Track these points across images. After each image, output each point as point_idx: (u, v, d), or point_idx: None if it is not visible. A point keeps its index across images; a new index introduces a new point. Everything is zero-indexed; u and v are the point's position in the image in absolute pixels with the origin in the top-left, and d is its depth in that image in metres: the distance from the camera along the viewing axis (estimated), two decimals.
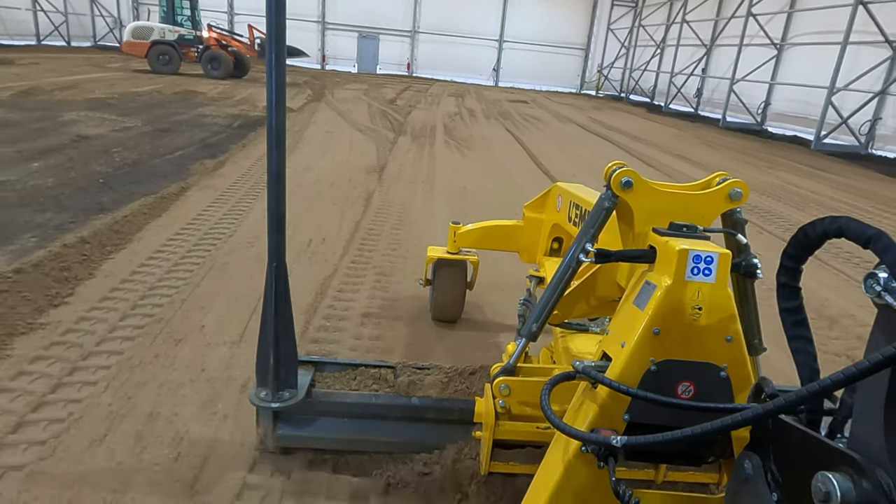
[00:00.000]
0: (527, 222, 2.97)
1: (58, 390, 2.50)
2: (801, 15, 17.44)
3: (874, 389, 0.84)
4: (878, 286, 0.88)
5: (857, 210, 8.14)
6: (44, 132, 7.92)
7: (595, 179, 8.23)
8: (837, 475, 0.81)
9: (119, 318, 3.16)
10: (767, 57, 18.37)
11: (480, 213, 5.86)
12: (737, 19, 19.47)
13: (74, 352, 2.80)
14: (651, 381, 1.31)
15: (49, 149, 6.98)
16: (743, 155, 12.97)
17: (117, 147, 7.47)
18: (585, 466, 1.34)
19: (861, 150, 14.36)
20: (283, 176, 1.81)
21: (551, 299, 1.67)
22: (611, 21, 31.38)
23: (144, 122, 9.51)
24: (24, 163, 6.24)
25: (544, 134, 13.39)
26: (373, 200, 6.13)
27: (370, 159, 8.35)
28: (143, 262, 3.94)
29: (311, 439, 2.07)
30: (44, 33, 25.80)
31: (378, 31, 31.27)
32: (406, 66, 31.76)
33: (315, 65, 29.72)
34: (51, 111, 9.57)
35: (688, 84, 23.09)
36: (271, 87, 1.71)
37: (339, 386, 2.16)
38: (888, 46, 13.77)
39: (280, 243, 1.87)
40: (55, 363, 2.69)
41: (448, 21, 30.94)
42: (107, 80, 15.15)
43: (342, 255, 4.48)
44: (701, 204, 1.59)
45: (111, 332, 3.02)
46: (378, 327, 3.37)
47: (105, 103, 11.11)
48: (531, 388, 1.69)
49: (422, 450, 2.05)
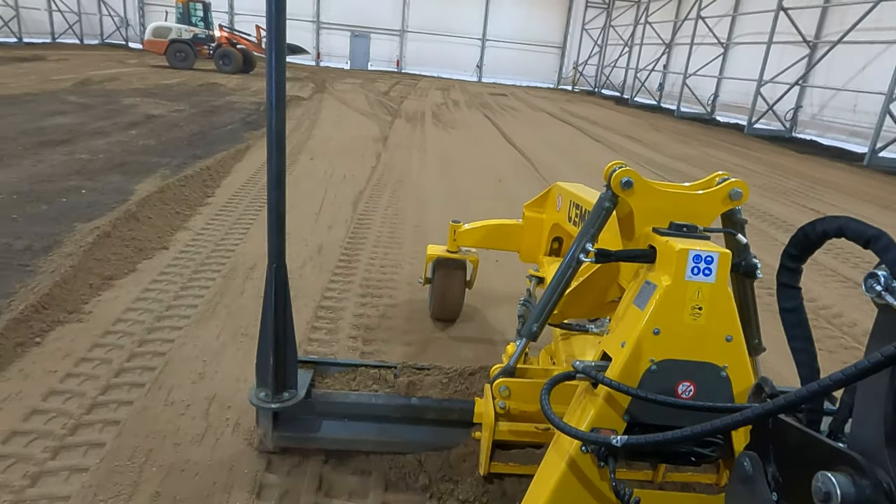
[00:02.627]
0: (527, 222, 2.97)
1: (237, 222, 4.81)
2: (743, 18, 19.97)
3: (874, 389, 0.84)
4: (878, 286, 0.88)
5: (744, 171, 10.58)
6: (119, 112, 10.12)
7: (552, 151, 10.67)
8: (837, 475, 0.80)
9: (250, 201, 5.49)
10: (716, 54, 20.91)
11: (460, 168, 8.23)
12: (690, 21, 21.99)
13: (233, 213, 5.10)
14: (651, 381, 1.32)
15: (133, 123, 9.20)
16: (683, 137, 15.43)
17: (180, 123, 9.70)
18: (585, 466, 1.34)
19: (786, 133, 16.89)
20: (284, 178, 1.80)
21: (551, 299, 1.67)
22: (585, 21, 33.85)
23: (189, 106, 11.72)
24: (123, 131, 8.47)
25: (517, 119, 15.76)
26: (382, 157, 8.46)
27: (375, 133, 10.67)
28: (246, 180, 6.25)
29: (311, 440, 2.07)
30: (57, 32, 27.69)
31: (369, 30, 33.48)
32: (395, 63, 34.01)
33: (310, 62, 31.84)
34: (111, 97, 11.76)
35: (652, 79, 25.61)
36: (271, 86, 1.69)
37: (339, 386, 2.14)
38: (806, 45, 16.32)
39: (280, 244, 1.86)
40: (228, 215, 4.99)
41: (435, 21, 33.23)
42: (137, 74, 17.26)
43: (366, 183, 6.81)
44: (701, 204, 1.59)
45: (250, 204, 5.33)
46: (396, 207, 5.69)
47: (148, 92, 13.28)
48: (531, 389, 1.70)
49: (421, 450, 2.06)
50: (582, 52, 34.40)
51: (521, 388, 1.71)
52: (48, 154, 6.61)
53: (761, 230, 6.53)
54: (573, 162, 9.75)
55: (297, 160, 7.64)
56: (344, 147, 8.97)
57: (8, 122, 8.22)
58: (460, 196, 6.57)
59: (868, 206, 8.50)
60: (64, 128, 8.22)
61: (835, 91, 15.27)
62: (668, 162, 10.80)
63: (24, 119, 8.54)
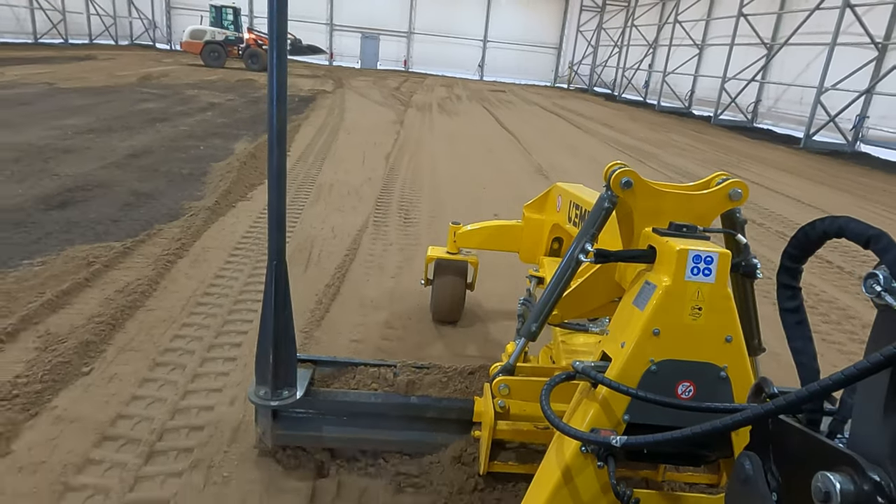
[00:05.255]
0: (527, 222, 2.98)
1: (312, 165, 7.26)
2: (716, 22, 22.39)
3: (874, 389, 0.84)
4: (878, 286, 0.88)
5: (693, 149, 13.00)
6: (187, 100, 12.60)
7: (536, 133, 13.14)
8: (837, 475, 0.81)
9: (314, 155, 7.94)
10: (692, 55, 23.32)
11: (461, 141, 10.72)
12: (669, 24, 24.41)
13: (307, 160, 7.56)
14: (651, 382, 1.33)
15: (203, 108, 11.67)
16: (656, 126, 17.84)
17: (238, 108, 12.17)
18: (585, 466, 1.35)
19: (748, 124, 19.30)
20: (284, 175, 1.79)
21: (551, 299, 1.68)
22: (580, 24, 36.30)
23: (237, 96, 14.19)
24: (201, 113, 10.95)
25: (511, 111, 18.22)
26: (401, 133, 10.93)
27: (393, 118, 13.13)
28: (306, 145, 8.73)
29: (310, 438, 2.08)
30: (95, 33, 30.25)
31: (378, 32, 35.99)
32: (403, 63, 36.50)
33: (325, 61, 34.35)
34: (173, 89, 14.24)
35: (639, 77, 28.03)
36: (272, 85, 1.68)
37: (339, 385, 2.14)
38: (763, 46, 18.73)
39: (280, 242, 1.84)
40: (304, 162, 7.45)
41: (439, 23, 35.75)
42: (181, 72, 19.76)
43: (392, 147, 9.27)
44: (701, 204, 1.59)
45: (315, 156, 7.79)
46: (415, 161, 8.13)
47: (198, 86, 15.76)
48: (530, 388, 1.71)
49: (421, 449, 2.08)
50: (577, 53, 36.84)
51: (521, 387, 1.72)
52: (160, 126, 9.09)
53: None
54: (551, 140, 12.21)
55: (338, 135, 10.10)
56: (370, 126, 11.44)
57: (114, 106, 10.71)
58: (460, 157, 9.02)
59: (777, 172, 10.93)
60: (156, 111, 10.70)
61: (786, 86, 17.68)
62: (632, 142, 13.23)
63: (123, 105, 11.02)
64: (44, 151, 6.65)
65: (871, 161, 13.81)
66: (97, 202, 5.10)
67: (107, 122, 8.92)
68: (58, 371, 2.60)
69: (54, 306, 3.18)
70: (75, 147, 7.03)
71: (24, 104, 9.91)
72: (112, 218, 4.73)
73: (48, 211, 4.75)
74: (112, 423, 2.32)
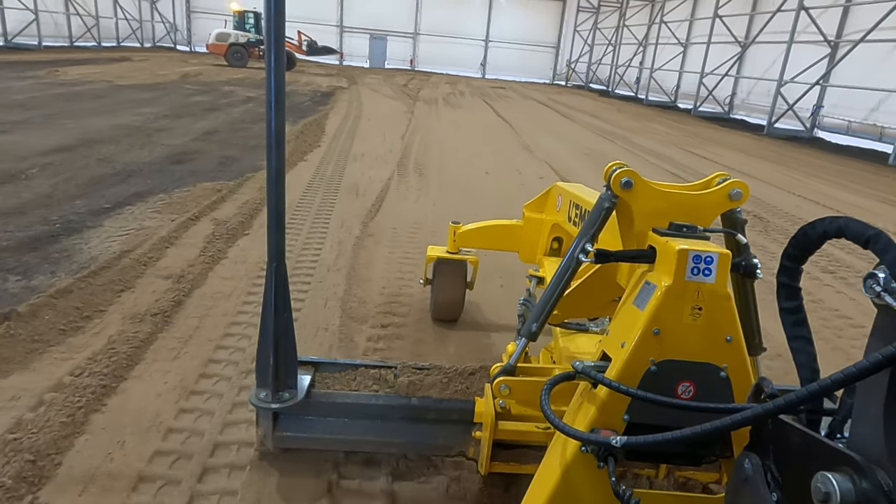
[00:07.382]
0: (527, 222, 3.00)
1: (345, 141, 9.30)
2: (699, 22, 24.31)
3: (874, 389, 0.85)
4: (877, 286, 0.88)
5: (663, 134, 14.96)
6: (227, 95, 14.64)
7: (528, 121, 15.16)
8: (837, 475, 0.81)
9: (346, 135, 9.99)
10: (677, 52, 25.27)
11: (463, 127, 12.76)
12: (656, 25, 26.35)
13: (340, 138, 9.59)
14: (651, 382, 1.33)
15: (243, 101, 13.72)
16: (639, 117, 19.80)
17: None
18: (585, 466, 1.35)
19: (725, 115, 21.23)
20: (283, 176, 1.79)
21: (551, 299, 1.69)
22: (576, 24, 38.27)
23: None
24: (243, 104, 13.00)
25: (509, 104, 20.22)
26: (412, 120, 12.96)
27: (404, 109, 15.16)
28: (336, 129, 10.76)
29: (311, 440, 2.08)
30: (122, 36, 32.45)
31: (386, 33, 38.07)
32: (409, 62, 38.56)
33: (335, 61, 36.44)
34: (212, 86, 16.31)
35: (631, 74, 29.96)
36: (270, 86, 1.65)
37: (339, 386, 2.15)
38: (738, 45, 20.67)
39: (280, 242, 1.84)
40: (337, 140, 9.49)
41: (444, 24, 37.80)
42: (211, 71, 21.84)
43: (406, 129, 11.30)
44: (701, 204, 1.60)
45: (346, 136, 9.83)
46: (426, 140, 10.15)
47: (231, 83, 17.82)
48: (531, 388, 1.72)
49: (422, 450, 2.11)
50: (574, 51, 38.80)
51: (522, 387, 1.73)
52: (215, 115, 11.14)
53: (650, 163, 10.96)
54: (540, 126, 14.22)
55: (360, 121, 12.13)
56: (385, 115, 13.47)
57: (171, 99, 12.78)
58: (463, 138, 11.03)
59: (732, 151, 12.90)
60: (205, 104, 12.75)
61: (755, 80, 19.61)
62: (610, 129, 15.22)
63: (178, 98, 13.08)
64: (143, 130, 8.72)
65: (825, 145, 15.78)
66: (201, 161, 7.15)
67: (174, 111, 10.99)
68: (231, 233, 4.64)
69: (211, 208, 5.23)
70: (164, 127, 9.09)
71: (101, 97, 11.99)
72: (216, 170, 6.77)
73: (172, 165, 6.80)
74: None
